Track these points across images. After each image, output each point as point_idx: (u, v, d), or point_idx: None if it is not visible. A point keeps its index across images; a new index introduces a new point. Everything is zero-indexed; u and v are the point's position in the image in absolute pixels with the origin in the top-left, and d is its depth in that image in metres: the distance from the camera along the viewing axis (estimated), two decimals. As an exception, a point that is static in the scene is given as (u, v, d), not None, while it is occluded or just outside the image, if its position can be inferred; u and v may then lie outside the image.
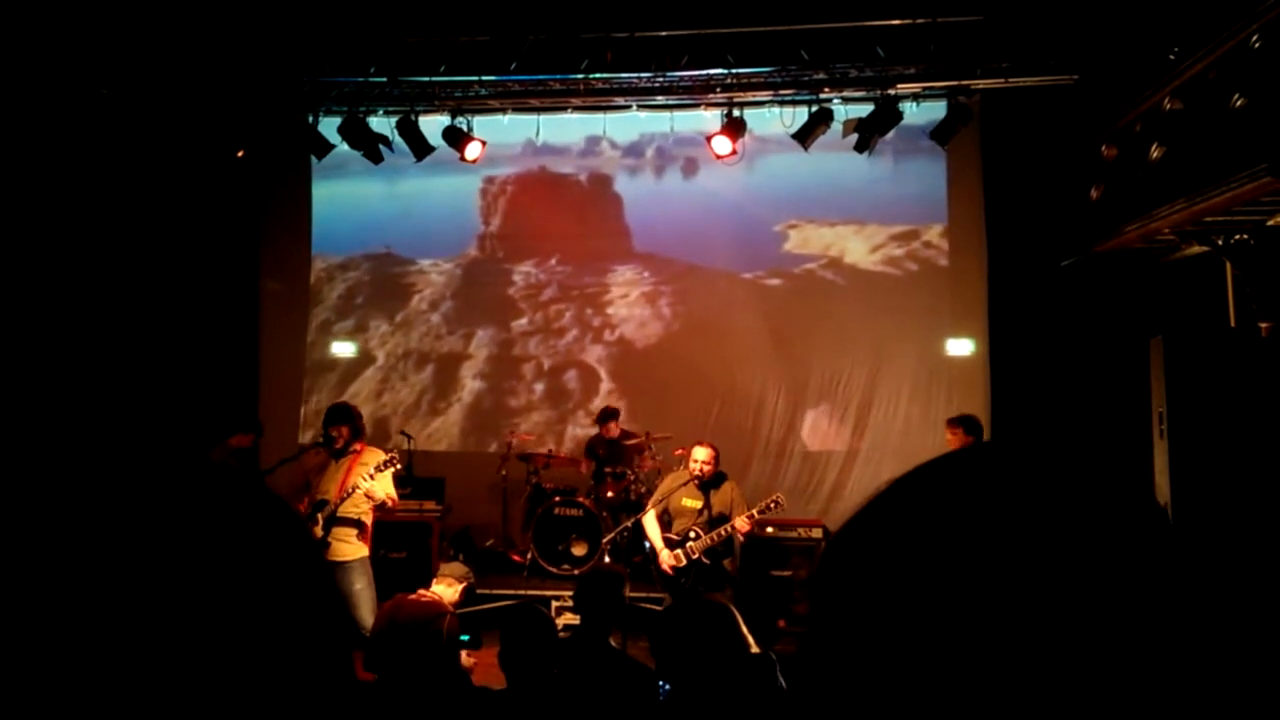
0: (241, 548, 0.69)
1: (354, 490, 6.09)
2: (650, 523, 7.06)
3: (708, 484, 6.95)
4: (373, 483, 6.09)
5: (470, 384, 11.40)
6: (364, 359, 11.61)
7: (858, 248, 10.65)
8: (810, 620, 0.70)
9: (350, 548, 6.17)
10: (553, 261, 11.52)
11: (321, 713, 0.68)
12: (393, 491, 6.30)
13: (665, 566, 6.85)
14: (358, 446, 6.38)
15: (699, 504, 6.92)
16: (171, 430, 9.04)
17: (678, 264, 11.32)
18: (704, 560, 6.82)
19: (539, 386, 11.27)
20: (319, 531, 6.08)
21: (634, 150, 11.30)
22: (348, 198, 11.53)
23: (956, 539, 0.63)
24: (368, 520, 6.29)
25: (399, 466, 6.38)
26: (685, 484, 6.98)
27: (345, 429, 6.36)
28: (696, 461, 6.91)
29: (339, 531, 6.14)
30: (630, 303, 11.43)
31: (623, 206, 11.52)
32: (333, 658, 0.71)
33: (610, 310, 11.45)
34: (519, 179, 11.49)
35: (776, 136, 9.50)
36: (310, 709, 0.68)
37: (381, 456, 6.28)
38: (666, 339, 11.20)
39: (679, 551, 6.84)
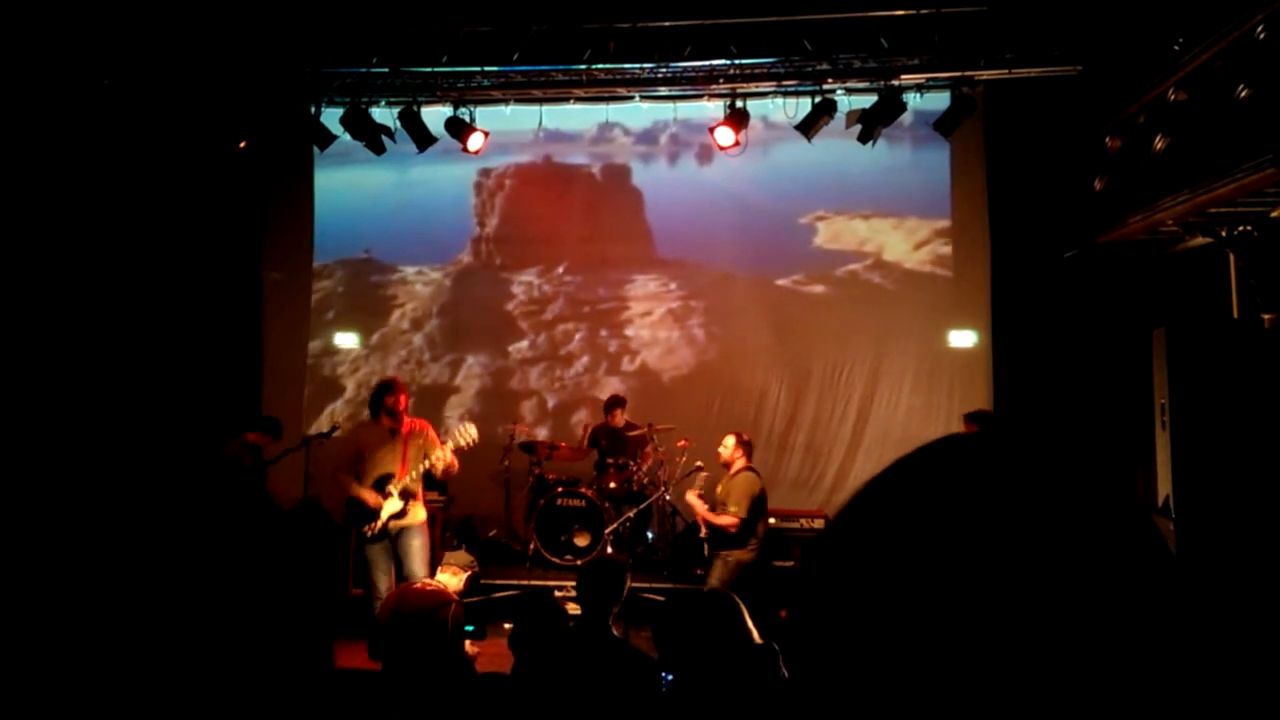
0: (230, 543, 0.71)
1: (425, 468, 6.70)
2: (692, 499, 7.42)
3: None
4: (444, 453, 6.71)
5: (456, 427, 9.95)
6: (331, 387, 10.37)
7: (898, 244, 9.82)
8: (795, 612, 0.71)
9: (417, 511, 6.77)
10: (560, 270, 10.16)
11: (302, 700, 0.70)
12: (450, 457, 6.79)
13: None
14: (410, 423, 6.87)
15: (719, 488, 7.36)
16: (174, 420, 9.05)
17: (709, 271, 9.84)
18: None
19: (541, 431, 9.94)
20: (398, 503, 6.62)
21: (648, 137, 10.14)
22: (322, 194, 10.45)
23: (937, 531, 0.64)
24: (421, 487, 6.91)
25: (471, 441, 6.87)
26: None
27: (404, 398, 6.88)
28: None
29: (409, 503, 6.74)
30: (654, 322, 9.92)
31: (643, 203, 10.11)
32: (312, 648, 0.72)
33: (629, 331, 9.96)
34: (520, 171, 10.39)
35: (788, 123, 8.93)
36: (291, 696, 0.69)
37: (443, 443, 6.83)
38: (701, 369, 9.80)
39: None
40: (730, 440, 7.37)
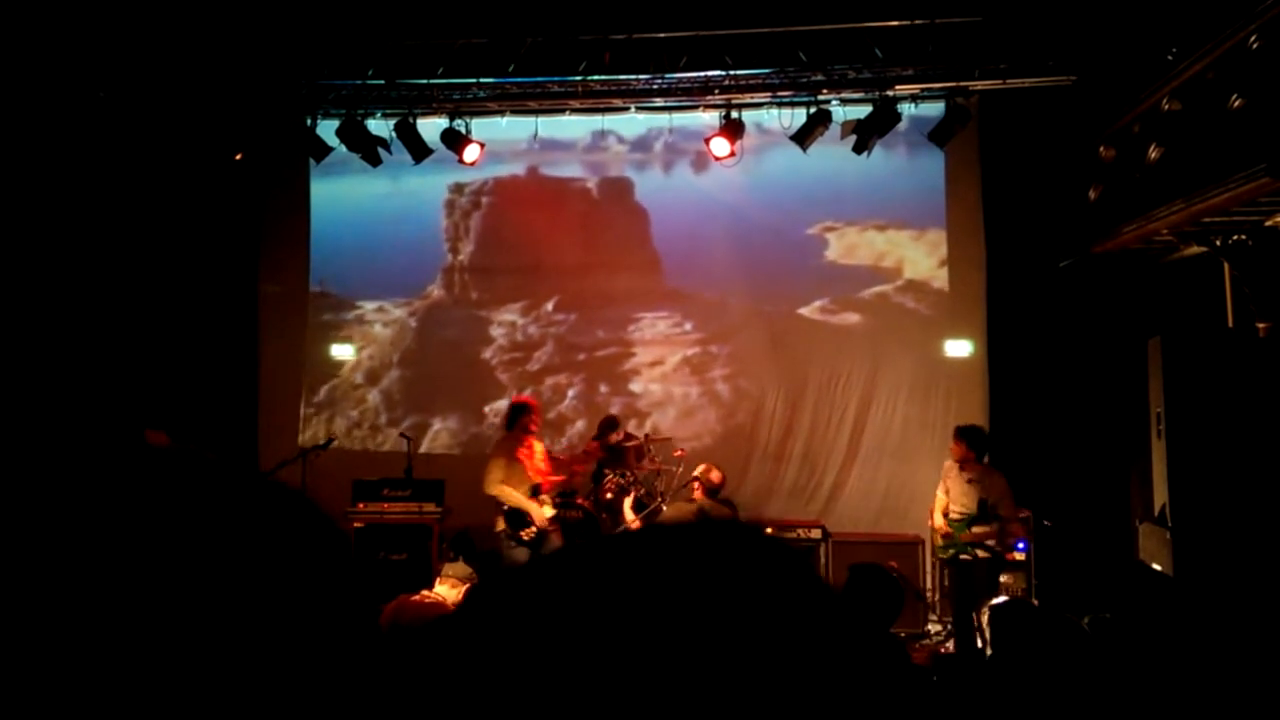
0: (260, 546, 0.70)
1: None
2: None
3: None
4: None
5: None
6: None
7: (920, 259, 9.14)
8: None
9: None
10: (548, 307, 8.74)
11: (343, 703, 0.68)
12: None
13: None
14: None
15: None
16: (172, 431, 9.03)
17: (729, 308, 8.46)
18: None
19: None
20: (550, 509, 7.50)
21: (642, 144, 9.37)
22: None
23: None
24: None
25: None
26: None
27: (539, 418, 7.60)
28: None
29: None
30: (667, 374, 8.45)
31: (648, 224, 8.86)
32: (355, 651, 0.71)
33: (635, 386, 8.48)
34: (502, 186, 9.38)
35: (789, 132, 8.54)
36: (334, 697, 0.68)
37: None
38: (731, 435, 8.35)
39: None
40: (699, 469, 7.24)
